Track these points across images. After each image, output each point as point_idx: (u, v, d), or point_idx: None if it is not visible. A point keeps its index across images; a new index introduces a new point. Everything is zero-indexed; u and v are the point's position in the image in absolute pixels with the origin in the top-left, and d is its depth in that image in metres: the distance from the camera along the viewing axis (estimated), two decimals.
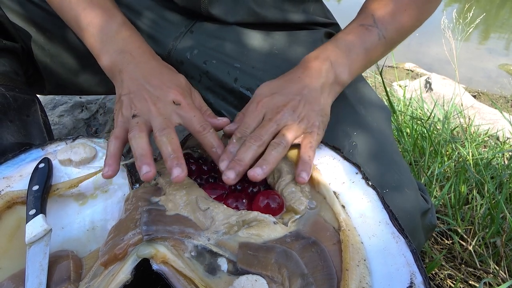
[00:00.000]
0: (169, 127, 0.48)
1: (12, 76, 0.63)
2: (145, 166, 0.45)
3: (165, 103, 0.51)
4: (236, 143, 0.51)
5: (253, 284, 0.37)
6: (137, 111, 0.50)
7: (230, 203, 0.46)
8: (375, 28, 0.59)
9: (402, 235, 0.41)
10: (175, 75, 0.57)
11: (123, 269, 0.37)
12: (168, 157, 0.45)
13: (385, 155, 0.59)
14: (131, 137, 0.48)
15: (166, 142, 0.46)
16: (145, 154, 0.46)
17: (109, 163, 0.47)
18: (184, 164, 0.45)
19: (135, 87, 0.53)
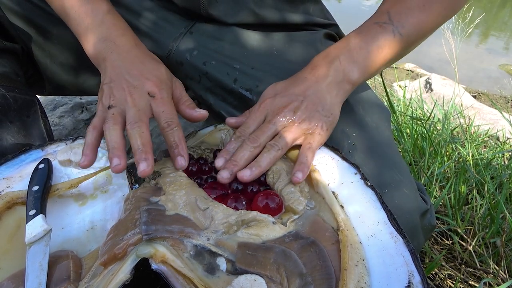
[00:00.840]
0: (142, 120, 0.49)
1: (12, 77, 0.64)
2: (115, 158, 0.46)
3: (141, 94, 0.51)
4: (234, 142, 0.53)
5: (252, 284, 0.37)
6: (114, 101, 0.51)
7: (229, 204, 0.47)
8: (390, 25, 0.58)
9: (400, 235, 0.41)
10: (156, 65, 0.57)
11: (122, 269, 0.37)
12: (136, 150, 0.46)
13: (384, 155, 0.59)
14: (105, 128, 0.49)
15: (136, 135, 0.47)
16: (117, 146, 0.47)
17: (86, 153, 0.49)
18: (151, 159, 0.46)
19: (116, 76, 0.53)
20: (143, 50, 0.59)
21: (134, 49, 0.57)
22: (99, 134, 0.50)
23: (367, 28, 0.59)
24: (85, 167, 0.48)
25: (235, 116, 0.65)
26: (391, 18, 0.58)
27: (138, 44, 0.59)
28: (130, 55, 0.55)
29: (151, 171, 0.45)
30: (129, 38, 0.58)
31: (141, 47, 0.59)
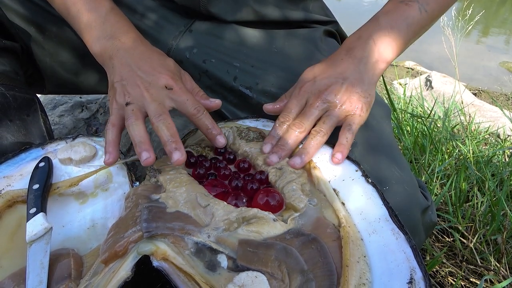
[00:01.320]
0: (164, 112, 0.49)
1: (12, 76, 0.63)
2: (144, 152, 0.46)
3: (158, 88, 0.52)
4: (278, 128, 0.54)
5: (253, 281, 0.37)
6: (131, 98, 0.51)
7: (230, 201, 0.47)
8: (415, 3, 0.59)
9: (402, 232, 0.41)
10: (164, 59, 0.57)
11: (123, 266, 0.37)
12: (167, 141, 0.47)
13: (385, 152, 0.58)
14: (128, 124, 0.49)
15: (164, 127, 0.48)
16: (143, 140, 0.47)
17: (109, 150, 0.49)
18: (182, 148, 0.47)
19: (127, 73, 0.53)
20: (148, 46, 0.59)
21: (140, 46, 0.57)
22: (119, 131, 0.51)
23: (394, 7, 0.60)
24: (110, 165, 0.49)
25: (236, 114, 0.65)
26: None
27: (143, 40, 0.59)
28: (137, 52, 0.55)
29: (185, 159, 0.46)
30: (134, 35, 0.58)
31: (145, 43, 0.59)
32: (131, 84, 0.52)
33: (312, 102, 0.54)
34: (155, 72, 0.53)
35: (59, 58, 0.72)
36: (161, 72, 0.53)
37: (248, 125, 0.59)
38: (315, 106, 0.53)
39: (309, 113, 0.53)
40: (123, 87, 0.52)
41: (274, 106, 0.57)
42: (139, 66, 0.53)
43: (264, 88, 0.63)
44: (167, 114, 0.49)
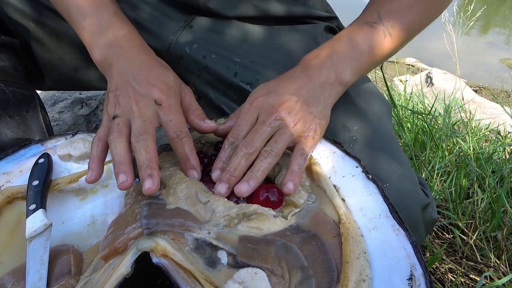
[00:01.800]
0: (147, 131, 0.46)
1: (11, 72, 0.63)
2: (122, 174, 0.43)
3: (148, 102, 0.49)
4: (228, 149, 0.49)
5: (253, 277, 0.37)
6: (120, 110, 0.48)
7: (231, 198, 0.46)
8: (380, 25, 0.57)
9: (402, 228, 0.41)
10: (163, 71, 0.53)
11: (123, 263, 0.37)
12: (142, 165, 0.43)
13: (385, 149, 0.58)
14: (109, 141, 0.46)
15: (141, 149, 0.44)
16: (123, 161, 0.44)
17: (92, 166, 0.46)
18: (156, 176, 0.43)
19: (122, 83, 0.51)
20: (151, 55, 0.56)
21: (141, 55, 0.54)
22: (105, 146, 0.48)
23: (358, 28, 0.58)
24: (92, 183, 0.46)
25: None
26: (381, 18, 0.57)
27: (146, 49, 0.56)
28: (136, 61, 0.53)
29: (157, 188, 0.42)
30: (136, 42, 0.56)
31: (148, 52, 0.56)
32: (123, 94, 0.49)
33: (265, 119, 0.50)
34: (148, 84, 0.50)
35: (58, 54, 0.71)
36: (154, 85, 0.50)
37: None
38: (267, 123, 0.49)
39: (260, 131, 0.49)
40: (115, 97, 0.50)
41: (224, 127, 0.53)
42: (135, 76, 0.51)
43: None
44: (149, 134, 0.46)
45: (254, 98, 0.53)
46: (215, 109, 0.68)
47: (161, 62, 0.56)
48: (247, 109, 0.52)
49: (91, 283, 0.38)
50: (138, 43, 0.56)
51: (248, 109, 0.52)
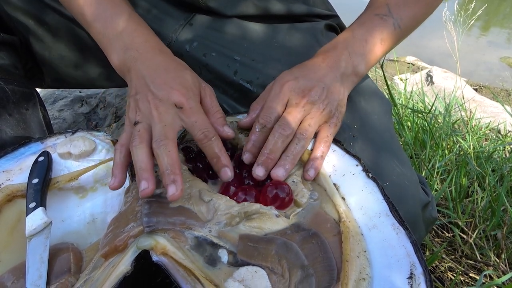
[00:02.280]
0: (168, 137, 0.45)
1: (11, 70, 0.63)
2: (143, 181, 0.42)
3: (167, 106, 0.48)
4: (258, 133, 0.49)
5: (253, 276, 0.37)
6: (140, 116, 0.48)
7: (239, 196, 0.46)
8: (390, 18, 0.58)
9: (402, 227, 0.41)
10: (181, 72, 0.52)
11: (123, 261, 0.37)
12: (164, 171, 0.43)
13: (386, 147, 0.58)
14: (131, 147, 0.46)
15: (163, 155, 0.43)
16: (145, 167, 0.43)
17: (115, 173, 0.46)
18: (180, 180, 0.42)
19: (141, 87, 0.50)
20: (168, 55, 0.55)
21: (158, 56, 0.53)
22: (128, 152, 0.47)
23: (369, 20, 0.59)
24: (116, 189, 0.45)
25: (236, 108, 0.65)
26: (391, 10, 0.58)
27: (162, 50, 0.55)
28: (153, 63, 0.52)
29: (181, 194, 0.42)
30: (153, 44, 0.54)
31: (165, 53, 0.55)
32: (143, 99, 0.49)
33: (298, 102, 0.50)
34: (166, 87, 0.49)
35: (58, 52, 0.71)
36: (172, 87, 0.49)
37: None
38: (301, 105, 0.49)
39: (295, 113, 0.49)
40: (135, 102, 0.49)
41: (250, 118, 0.52)
42: (153, 79, 0.49)
43: (264, 82, 0.63)
44: (170, 139, 0.45)
45: (284, 82, 0.52)
46: None
47: (179, 62, 0.55)
48: (277, 92, 0.51)
49: (91, 281, 0.38)
50: (154, 45, 0.55)
51: (278, 91, 0.51)
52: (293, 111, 0.49)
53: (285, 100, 0.50)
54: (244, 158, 0.48)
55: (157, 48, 0.54)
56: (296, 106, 0.50)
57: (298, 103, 0.50)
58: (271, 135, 0.48)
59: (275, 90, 0.51)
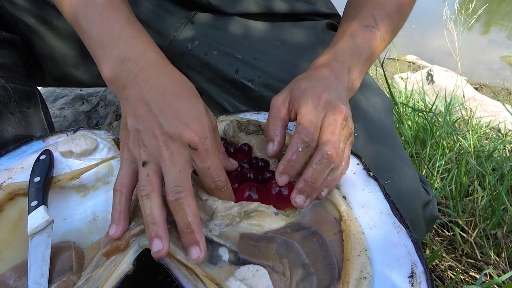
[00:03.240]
0: (185, 187, 0.39)
1: (12, 68, 0.63)
2: (156, 240, 0.37)
3: (179, 146, 0.40)
4: (302, 153, 0.43)
5: (254, 274, 0.37)
6: (146, 154, 0.41)
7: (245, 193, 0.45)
8: (377, 31, 0.57)
9: (403, 225, 0.41)
10: (194, 102, 0.44)
11: (124, 260, 0.37)
12: (183, 230, 0.38)
13: (386, 146, 0.58)
14: (141, 197, 0.39)
15: (183, 211, 0.38)
16: (157, 222, 0.38)
17: (117, 221, 0.40)
18: (203, 241, 0.38)
19: (144, 116, 0.42)
20: (175, 74, 0.46)
21: (163, 75, 0.44)
22: (130, 194, 0.42)
23: (361, 33, 0.57)
24: (117, 238, 0.40)
25: (237, 107, 0.65)
26: (377, 23, 0.57)
27: (167, 65, 0.46)
28: (159, 84, 0.43)
29: (205, 256, 0.38)
30: (154, 55, 0.46)
31: (170, 69, 0.46)
32: (148, 133, 0.41)
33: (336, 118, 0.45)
34: (179, 123, 0.41)
35: (59, 51, 0.71)
36: (187, 124, 0.41)
37: (249, 118, 0.59)
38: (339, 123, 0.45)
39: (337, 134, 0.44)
40: (137, 134, 0.42)
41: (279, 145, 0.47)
42: (161, 109, 0.41)
43: (266, 80, 0.63)
44: (188, 190, 0.39)
45: (318, 92, 0.46)
46: (216, 105, 0.68)
47: (188, 84, 0.46)
48: (316, 104, 0.45)
49: (93, 279, 0.38)
50: (156, 57, 0.46)
51: (317, 103, 0.45)
52: (335, 131, 0.45)
53: (323, 114, 0.45)
54: (279, 181, 0.43)
55: (161, 63, 0.46)
56: (335, 125, 0.45)
57: (337, 120, 0.45)
58: (316, 162, 0.43)
59: (313, 101, 0.45)
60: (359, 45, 0.56)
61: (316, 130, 0.44)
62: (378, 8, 0.59)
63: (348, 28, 0.58)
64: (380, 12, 0.59)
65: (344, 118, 0.46)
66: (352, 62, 0.53)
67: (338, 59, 0.53)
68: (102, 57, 0.47)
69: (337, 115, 0.46)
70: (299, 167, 0.44)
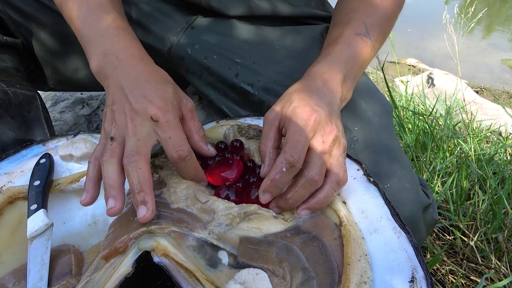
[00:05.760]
0: (140, 152, 0.42)
1: (13, 72, 0.63)
2: (110, 200, 0.41)
3: (143, 119, 0.45)
4: (286, 173, 0.43)
5: (254, 278, 0.37)
6: (115, 129, 0.45)
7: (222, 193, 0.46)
8: (368, 40, 0.58)
9: (403, 231, 0.41)
10: (162, 84, 0.49)
11: (124, 262, 0.37)
12: (133, 190, 0.41)
13: (386, 150, 0.58)
14: (101, 162, 0.43)
15: (133, 172, 0.41)
16: (113, 184, 0.41)
17: (87, 188, 0.44)
18: (150, 201, 0.40)
19: (118, 97, 0.47)
20: (149, 65, 0.52)
21: (139, 65, 0.50)
22: None
23: (354, 41, 0.57)
24: (87, 205, 0.43)
25: (237, 111, 0.65)
26: (368, 31, 0.58)
27: (144, 58, 0.52)
28: (133, 72, 0.48)
29: (151, 216, 0.40)
30: (134, 50, 0.51)
31: (147, 62, 0.52)
32: (119, 110, 0.46)
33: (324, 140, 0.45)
34: (144, 99, 0.45)
35: (59, 55, 0.71)
36: (150, 100, 0.45)
37: (249, 123, 0.59)
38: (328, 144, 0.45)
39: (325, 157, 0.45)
40: (112, 113, 0.46)
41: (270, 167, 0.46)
42: (131, 90, 0.46)
43: (265, 85, 0.63)
44: (142, 155, 0.42)
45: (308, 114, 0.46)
46: (216, 110, 0.68)
47: (161, 72, 0.52)
48: (305, 124, 0.45)
49: (92, 282, 0.38)
50: (136, 52, 0.52)
51: (306, 123, 0.45)
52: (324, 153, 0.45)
53: (312, 135, 0.46)
54: (262, 199, 0.44)
55: (139, 56, 0.51)
56: (324, 146, 0.45)
57: (325, 142, 0.45)
58: (301, 186, 0.44)
59: (302, 122, 0.45)
60: (352, 54, 0.56)
61: (303, 151, 0.44)
62: (369, 16, 0.59)
63: (341, 35, 0.58)
64: (371, 20, 0.59)
65: (334, 138, 0.46)
66: (346, 73, 0.54)
67: (332, 69, 0.53)
68: (90, 52, 0.52)
69: (326, 136, 0.46)
70: (282, 186, 0.44)
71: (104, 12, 0.54)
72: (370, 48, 0.58)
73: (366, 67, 0.59)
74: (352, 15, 0.60)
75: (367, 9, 0.60)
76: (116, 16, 0.54)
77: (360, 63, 0.57)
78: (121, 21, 0.55)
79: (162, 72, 0.52)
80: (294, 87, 0.52)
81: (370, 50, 0.58)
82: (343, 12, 0.63)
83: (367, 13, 0.60)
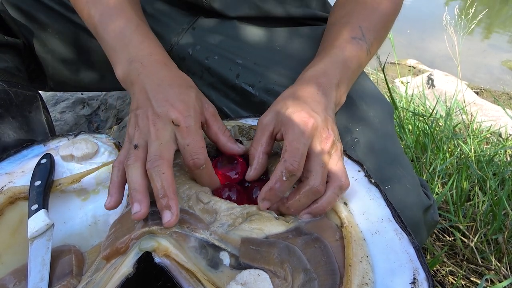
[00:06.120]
0: (163, 157, 0.43)
1: (14, 72, 0.63)
2: (135, 204, 0.41)
3: (165, 123, 0.45)
4: (287, 182, 0.43)
5: (255, 279, 0.37)
6: (138, 133, 0.46)
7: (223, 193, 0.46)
8: (364, 43, 0.57)
9: (405, 232, 0.41)
10: (184, 89, 0.49)
11: (125, 263, 0.37)
12: (157, 195, 0.41)
13: (387, 151, 0.58)
14: (126, 166, 0.44)
15: (157, 177, 0.41)
16: (138, 188, 0.42)
17: (111, 192, 0.44)
18: (175, 206, 0.41)
19: (142, 102, 0.48)
20: (173, 70, 0.52)
21: (163, 70, 0.50)
22: None
23: (350, 46, 0.57)
24: (111, 209, 0.44)
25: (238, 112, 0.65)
26: (364, 35, 0.58)
27: (168, 64, 0.52)
28: (157, 77, 0.49)
29: (176, 221, 0.40)
30: (158, 57, 0.52)
31: (170, 67, 0.52)
32: (142, 115, 0.46)
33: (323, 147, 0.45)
34: (166, 103, 0.46)
35: (60, 55, 0.71)
36: (172, 104, 0.46)
37: (250, 124, 0.59)
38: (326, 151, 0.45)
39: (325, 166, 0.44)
40: (136, 118, 0.47)
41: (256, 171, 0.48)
42: (154, 95, 0.47)
43: (266, 85, 0.63)
44: (165, 159, 0.43)
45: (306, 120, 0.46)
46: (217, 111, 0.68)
47: (184, 77, 0.52)
48: (303, 131, 0.45)
49: (93, 283, 0.38)
50: (160, 58, 0.52)
51: (303, 130, 0.45)
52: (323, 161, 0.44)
53: (310, 141, 0.45)
54: (261, 207, 0.44)
55: (162, 62, 0.52)
56: (323, 152, 0.45)
57: (324, 148, 0.45)
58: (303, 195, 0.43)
59: (300, 129, 0.45)
60: (348, 58, 0.56)
61: (303, 158, 0.44)
62: (365, 20, 0.59)
63: (337, 39, 0.58)
64: (367, 24, 0.59)
65: (332, 143, 0.46)
66: (340, 77, 0.54)
67: (327, 73, 0.53)
68: (115, 60, 0.53)
69: (324, 142, 0.46)
70: (281, 195, 0.44)
71: (127, 19, 0.54)
72: (366, 52, 0.58)
73: (361, 71, 0.59)
74: (348, 19, 0.60)
75: (363, 12, 0.60)
76: (139, 22, 0.55)
77: (355, 67, 0.56)
78: (144, 27, 0.56)
79: (185, 77, 0.52)
80: (288, 91, 0.52)
81: (365, 54, 0.58)
82: (339, 16, 0.63)
83: (363, 17, 0.60)
